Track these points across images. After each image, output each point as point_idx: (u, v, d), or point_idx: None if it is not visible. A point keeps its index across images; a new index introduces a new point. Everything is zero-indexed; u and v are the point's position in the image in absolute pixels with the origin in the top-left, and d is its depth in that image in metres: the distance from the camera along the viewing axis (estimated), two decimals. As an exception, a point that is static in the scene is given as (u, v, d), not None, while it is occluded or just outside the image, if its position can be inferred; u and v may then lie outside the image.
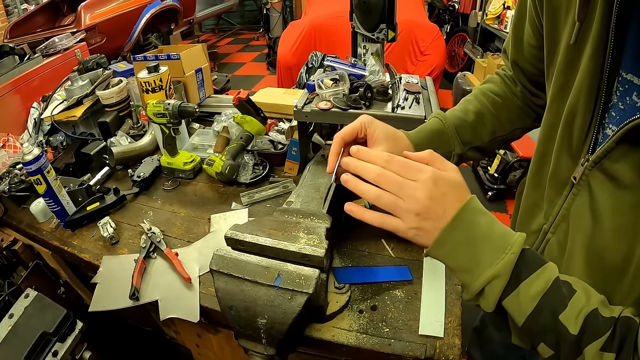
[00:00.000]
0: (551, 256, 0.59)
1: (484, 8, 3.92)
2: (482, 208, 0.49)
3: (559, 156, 0.55)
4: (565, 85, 0.53)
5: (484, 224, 0.47)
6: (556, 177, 0.56)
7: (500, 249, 0.46)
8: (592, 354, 0.41)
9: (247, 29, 7.53)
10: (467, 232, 0.47)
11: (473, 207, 0.48)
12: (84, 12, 3.38)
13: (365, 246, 0.97)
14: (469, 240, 0.47)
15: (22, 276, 1.14)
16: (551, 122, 0.58)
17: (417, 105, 1.00)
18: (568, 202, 0.54)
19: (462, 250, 0.47)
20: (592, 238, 0.51)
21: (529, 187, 0.66)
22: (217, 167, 1.17)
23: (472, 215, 0.47)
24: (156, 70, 1.37)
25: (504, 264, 0.45)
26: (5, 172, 1.21)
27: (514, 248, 0.45)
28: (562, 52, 0.52)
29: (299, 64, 2.74)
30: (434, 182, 0.47)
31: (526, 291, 0.45)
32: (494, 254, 0.46)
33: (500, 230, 0.48)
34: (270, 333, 0.66)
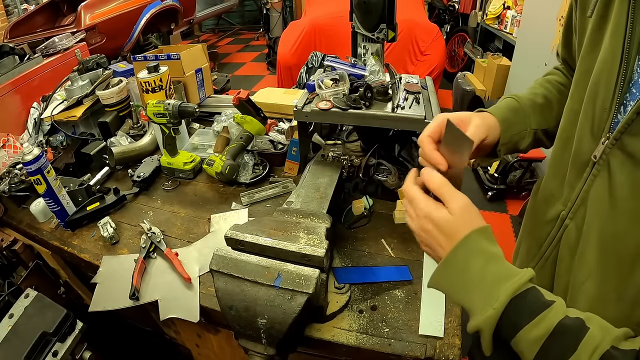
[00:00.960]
0: (568, 244, 0.59)
1: (484, 8, 3.92)
2: (479, 247, 0.49)
3: (581, 137, 0.55)
4: (587, 70, 0.55)
5: (476, 269, 0.48)
6: (578, 159, 0.56)
7: (487, 300, 0.46)
8: None
9: (247, 29, 7.52)
10: (459, 276, 0.49)
11: (467, 248, 0.49)
12: (84, 12, 3.38)
13: (365, 246, 0.97)
14: (461, 284, 0.49)
15: (22, 276, 1.14)
16: (573, 108, 0.58)
17: (417, 105, 1.00)
18: (588, 184, 0.54)
19: (457, 293, 0.50)
20: (608, 222, 0.51)
21: (548, 176, 0.66)
22: (217, 167, 1.17)
23: (465, 258, 0.49)
24: (156, 70, 1.37)
25: (485, 319, 0.46)
26: (5, 172, 1.21)
27: (497, 303, 0.45)
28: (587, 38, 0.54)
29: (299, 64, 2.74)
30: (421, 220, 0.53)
31: (526, 338, 0.44)
32: (482, 302, 0.47)
33: (493, 276, 0.47)
34: (270, 333, 0.66)
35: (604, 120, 0.51)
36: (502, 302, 0.45)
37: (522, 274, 0.47)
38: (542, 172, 2.68)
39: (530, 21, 2.98)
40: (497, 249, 0.50)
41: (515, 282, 0.46)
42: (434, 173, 0.53)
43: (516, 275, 0.47)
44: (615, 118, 0.50)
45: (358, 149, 1.20)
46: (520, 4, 3.34)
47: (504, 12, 3.56)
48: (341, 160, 1.09)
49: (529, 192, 2.58)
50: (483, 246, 0.49)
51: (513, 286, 0.45)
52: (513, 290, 0.45)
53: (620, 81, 0.49)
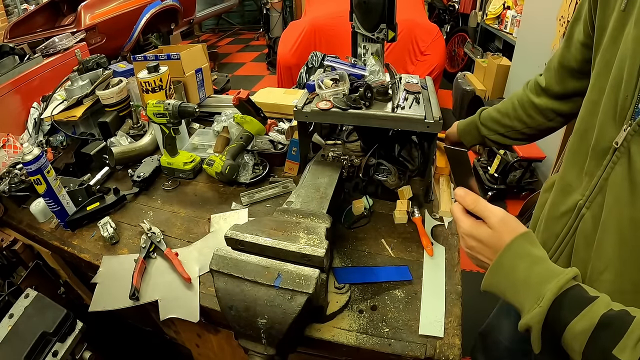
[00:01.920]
0: (584, 234, 0.60)
1: (484, 8, 3.92)
2: (523, 250, 0.52)
3: (603, 125, 0.56)
4: (609, 62, 0.56)
5: (522, 269, 0.51)
6: (598, 146, 0.57)
7: (534, 299, 0.49)
8: None
9: (247, 29, 7.52)
10: (506, 278, 0.53)
11: (512, 253, 0.52)
12: (84, 12, 3.37)
13: (365, 246, 0.97)
14: (510, 285, 0.52)
15: (22, 276, 1.14)
16: (594, 99, 0.59)
17: (417, 105, 1.00)
18: (607, 171, 0.55)
19: (508, 293, 0.53)
20: (628, 209, 0.51)
21: (565, 166, 0.67)
22: (217, 167, 1.17)
23: (510, 261, 0.52)
24: (156, 70, 1.37)
25: (532, 317, 0.48)
26: (5, 172, 1.21)
27: (543, 301, 0.48)
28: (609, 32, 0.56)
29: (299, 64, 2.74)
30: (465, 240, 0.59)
31: (573, 331, 0.46)
32: (530, 301, 0.49)
33: (538, 277, 0.50)
34: (270, 333, 0.66)
35: (627, 107, 0.52)
36: (548, 300, 0.47)
37: (566, 272, 0.49)
38: (542, 172, 2.69)
39: (530, 21, 2.98)
40: (540, 251, 0.53)
41: (560, 281, 0.48)
42: (467, 195, 0.58)
43: (560, 274, 0.49)
44: (637, 106, 0.51)
45: (358, 149, 1.20)
46: (520, 4, 3.34)
47: (504, 12, 3.56)
48: (341, 160, 1.09)
49: (529, 192, 2.58)
50: (527, 249, 0.52)
51: (557, 285, 0.48)
52: (557, 288, 0.47)
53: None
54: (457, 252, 0.95)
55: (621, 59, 0.53)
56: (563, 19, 2.39)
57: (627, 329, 0.43)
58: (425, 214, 1.05)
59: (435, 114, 0.96)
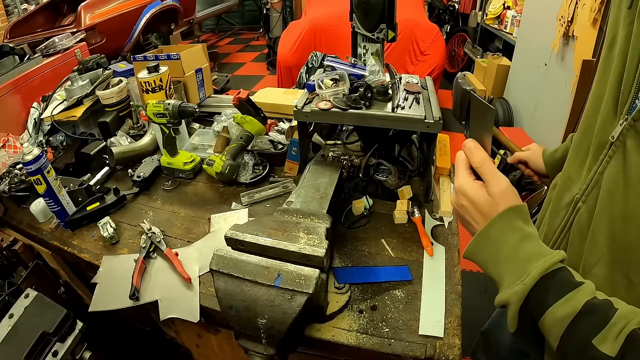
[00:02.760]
0: (579, 227, 0.60)
1: (484, 8, 3.92)
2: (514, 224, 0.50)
3: (604, 120, 0.56)
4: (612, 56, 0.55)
5: (511, 243, 0.50)
6: (598, 141, 0.57)
7: (518, 275, 0.48)
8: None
9: (247, 29, 7.52)
10: (492, 249, 0.51)
11: (502, 225, 0.51)
12: (84, 12, 3.37)
13: (365, 246, 0.97)
14: (494, 258, 0.51)
15: (22, 276, 1.14)
16: (598, 93, 0.59)
17: (417, 105, 1.00)
18: (603, 165, 0.55)
19: (490, 265, 0.52)
20: (620, 203, 0.51)
21: (568, 160, 0.67)
22: (217, 167, 1.17)
23: (499, 233, 0.51)
24: (156, 70, 1.37)
25: (513, 293, 0.47)
26: (5, 172, 1.21)
27: (528, 279, 0.46)
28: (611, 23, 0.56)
29: (299, 64, 2.73)
30: (457, 196, 0.57)
31: (553, 315, 0.45)
32: (512, 277, 0.48)
33: (526, 253, 0.49)
34: (270, 333, 0.66)
35: (624, 102, 0.52)
36: (533, 278, 0.46)
37: (554, 254, 0.48)
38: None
39: (530, 21, 2.98)
40: (531, 228, 0.51)
41: (547, 261, 0.47)
42: (476, 150, 0.56)
43: (548, 255, 0.48)
44: (635, 101, 0.51)
45: (358, 149, 1.20)
46: (520, 4, 3.34)
47: (504, 12, 3.56)
48: (341, 160, 1.10)
49: (529, 192, 2.58)
50: (518, 224, 0.50)
51: (544, 265, 0.47)
52: (544, 268, 0.46)
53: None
54: (457, 252, 0.95)
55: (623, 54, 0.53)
56: (563, 19, 2.39)
57: (610, 319, 0.42)
58: (425, 214, 1.05)
59: (435, 114, 0.96)
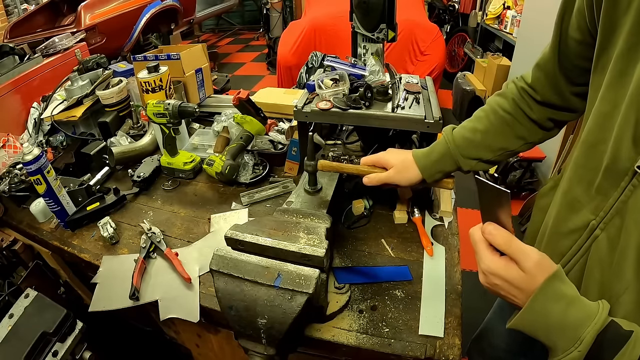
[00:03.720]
0: (599, 255, 0.57)
1: (484, 8, 3.92)
2: (557, 292, 0.50)
3: (619, 144, 0.52)
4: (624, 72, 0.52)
5: (558, 312, 0.50)
6: (614, 167, 0.53)
7: (571, 341, 0.48)
8: None
9: (247, 29, 7.52)
10: (540, 320, 0.51)
11: (545, 297, 0.50)
12: (84, 12, 3.37)
13: (365, 246, 0.97)
14: (543, 327, 0.51)
15: (22, 276, 1.14)
16: (605, 111, 0.55)
17: (417, 105, 1.00)
18: (626, 194, 0.52)
19: (541, 334, 0.52)
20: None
21: (572, 180, 0.63)
22: (217, 167, 1.17)
23: (544, 305, 0.50)
24: (156, 70, 1.37)
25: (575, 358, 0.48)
26: (5, 172, 1.21)
27: (582, 345, 0.47)
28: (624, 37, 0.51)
29: (299, 64, 2.73)
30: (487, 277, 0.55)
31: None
32: (566, 344, 0.49)
33: (574, 319, 0.49)
34: (270, 333, 0.66)
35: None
36: (587, 344, 0.47)
37: (601, 311, 0.49)
38: (542, 172, 2.68)
39: (530, 21, 2.98)
40: (572, 289, 0.51)
41: (597, 323, 0.48)
42: (498, 232, 0.53)
43: (595, 314, 0.48)
44: None
45: (358, 149, 1.20)
46: (520, 4, 3.34)
47: (504, 12, 3.56)
48: (341, 160, 1.09)
49: (529, 192, 2.58)
50: (560, 290, 0.50)
51: (595, 328, 0.47)
52: (596, 331, 0.47)
53: None
54: (457, 252, 0.95)
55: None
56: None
57: None
58: (425, 214, 1.05)
59: (435, 114, 0.96)
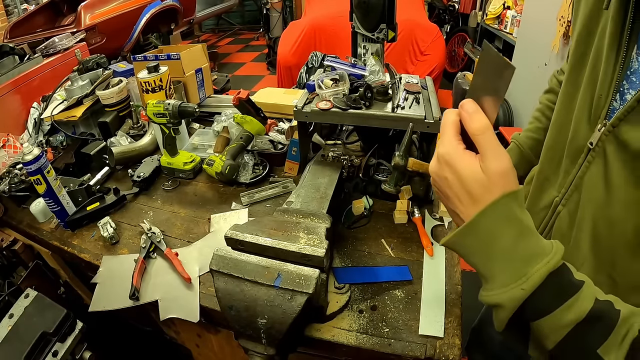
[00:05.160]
0: (560, 231, 0.59)
1: (484, 8, 3.92)
2: (511, 214, 0.42)
3: (578, 124, 0.54)
4: (584, 53, 0.54)
5: (507, 239, 0.42)
6: (573, 145, 0.55)
7: (514, 276, 0.42)
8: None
9: (247, 29, 7.52)
10: (483, 243, 0.43)
11: (498, 215, 0.42)
12: (84, 12, 3.37)
13: (365, 246, 0.97)
14: (484, 252, 0.44)
15: (22, 276, 1.14)
16: (569, 92, 0.57)
17: (417, 105, 1.00)
18: (582, 170, 0.54)
19: (479, 260, 0.44)
20: (603, 209, 0.51)
21: (543, 161, 0.66)
22: (217, 167, 1.17)
23: (494, 225, 0.42)
24: (156, 70, 1.37)
25: (510, 298, 0.42)
26: (5, 172, 1.21)
27: (528, 284, 0.41)
28: (582, 20, 0.53)
29: (299, 64, 2.74)
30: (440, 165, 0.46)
31: (553, 321, 0.41)
32: (507, 278, 0.42)
33: (524, 252, 0.42)
34: (270, 333, 0.66)
35: (601, 107, 0.51)
36: (534, 284, 0.41)
37: (555, 251, 0.42)
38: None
39: (530, 21, 2.98)
40: (528, 219, 0.44)
41: (550, 263, 0.41)
42: (476, 115, 0.43)
43: (549, 253, 0.42)
44: (611, 105, 0.50)
45: (358, 149, 1.20)
46: (520, 4, 3.34)
47: (504, 12, 3.56)
48: (341, 160, 1.09)
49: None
50: (515, 214, 0.42)
51: (547, 267, 0.41)
52: (547, 271, 0.41)
53: (618, 68, 0.48)
54: (457, 252, 0.95)
55: (596, 55, 0.51)
56: (563, 19, 2.39)
57: (615, 325, 0.39)
58: (425, 214, 1.05)
59: (435, 114, 0.96)
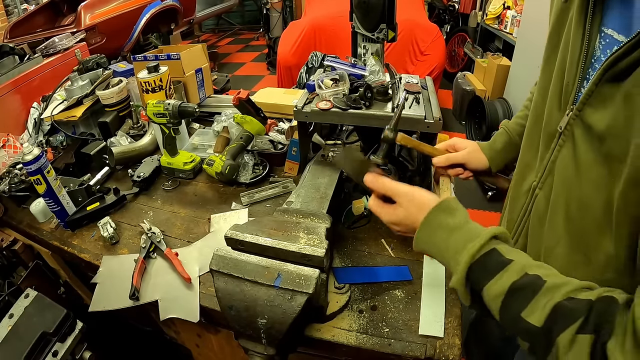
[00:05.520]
0: (538, 213, 0.63)
1: (484, 8, 3.91)
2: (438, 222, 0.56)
3: (551, 111, 0.59)
4: (556, 45, 0.58)
5: (441, 241, 0.56)
6: (547, 130, 0.60)
7: (454, 264, 0.53)
8: (566, 340, 0.42)
9: (247, 29, 7.51)
10: (431, 248, 0.58)
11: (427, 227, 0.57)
12: (84, 12, 3.37)
13: (365, 246, 0.97)
14: (436, 253, 0.57)
15: (22, 276, 1.14)
16: (544, 82, 0.62)
17: (417, 105, 1.00)
18: (555, 154, 0.58)
19: (439, 260, 0.57)
20: (574, 189, 0.55)
21: (523, 149, 0.70)
22: (217, 167, 1.17)
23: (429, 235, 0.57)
24: (156, 70, 1.37)
25: (454, 282, 0.53)
26: (5, 172, 1.21)
27: (459, 268, 0.52)
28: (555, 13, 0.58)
29: (299, 64, 2.74)
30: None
31: (488, 294, 0.50)
32: (452, 267, 0.54)
33: (454, 246, 0.54)
34: (270, 333, 0.66)
35: (569, 93, 0.55)
36: (463, 268, 0.51)
37: (481, 237, 0.52)
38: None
39: (530, 21, 2.98)
40: (456, 219, 0.56)
41: (472, 248, 0.51)
42: (374, 180, 0.63)
43: (475, 239, 0.52)
44: (578, 92, 0.54)
45: (358, 149, 1.20)
46: (520, 4, 3.34)
47: (504, 12, 3.56)
48: (341, 160, 1.09)
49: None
50: (440, 220, 0.56)
51: (469, 253, 0.51)
52: (470, 256, 0.51)
53: (582, 57, 0.52)
54: (457, 252, 0.95)
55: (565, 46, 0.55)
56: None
57: (537, 293, 0.46)
58: (425, 214, 1.05)
59: (435, 114, 0.96)
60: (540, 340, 0.45)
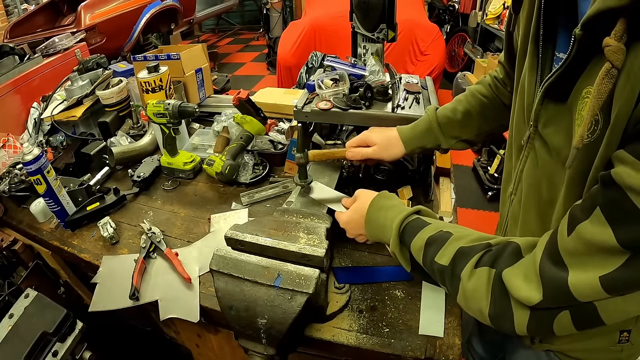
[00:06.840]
0: (514, 216, 0.72)
1: (484, 8, 3.92)
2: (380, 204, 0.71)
3: (519, 126, 0.67)
4: (520, 69, 0.65)
5: (381, 218, 0.69)
6: (516, 143, 0.68)
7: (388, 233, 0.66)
8: (466, 273, 0.54)
9: (247, 29, 7.52)
10: (375, 227, 0.70)
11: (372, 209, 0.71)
12: (84, 12, 3.37)
13: (365, 246, 0.97)
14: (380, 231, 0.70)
15: (22, 276, 1.14)
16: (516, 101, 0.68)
17: (417, 105, 1.00)
18: (522, 163, 0.66)
19: (381, 236, 0.70)
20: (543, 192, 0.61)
21: (506, 158, 0.76)
22: (217, 167, 1.17)
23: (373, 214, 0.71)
24: (156, 70, 1.37)
25: (391, 248, 0.67)
26: (5, 172, 1.21)
27: (392, 234, 0.65)
28: (520, 43, 0.65)
29: (299, 64, 2.74)
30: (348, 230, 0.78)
31: (413, 250, 0.63)
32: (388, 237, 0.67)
33: (390, 218, 0.67)
34: (270, 333, 0.66)
35: (530, 111, 0.61)
36: (394, 234, 0.65)
37: (408, 210, 0.66)
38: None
39: (530, 21, 2.97)
40: (393, 202, 0.71)
41: (399, 217, 0.65)
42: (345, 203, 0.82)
43: (404, 211, 0.66)
44: (539, 109, 0.59)
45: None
46: (520, 4, 3.33)
47: (504, 12, 3.56)
48: (341, 160, 1.09)
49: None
50: (382, 203, 0.71)
51: (397, 219, 0.65)
52: (399, 221, 0.65)
53: (537, 79, 0.59)
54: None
55: (526, 69, 0.62)
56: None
57: (446, 242, 0.58)
58: (425, 214, 1.05)
59: (435, 114, 0.95)
60: (449, 277, 0.57)
